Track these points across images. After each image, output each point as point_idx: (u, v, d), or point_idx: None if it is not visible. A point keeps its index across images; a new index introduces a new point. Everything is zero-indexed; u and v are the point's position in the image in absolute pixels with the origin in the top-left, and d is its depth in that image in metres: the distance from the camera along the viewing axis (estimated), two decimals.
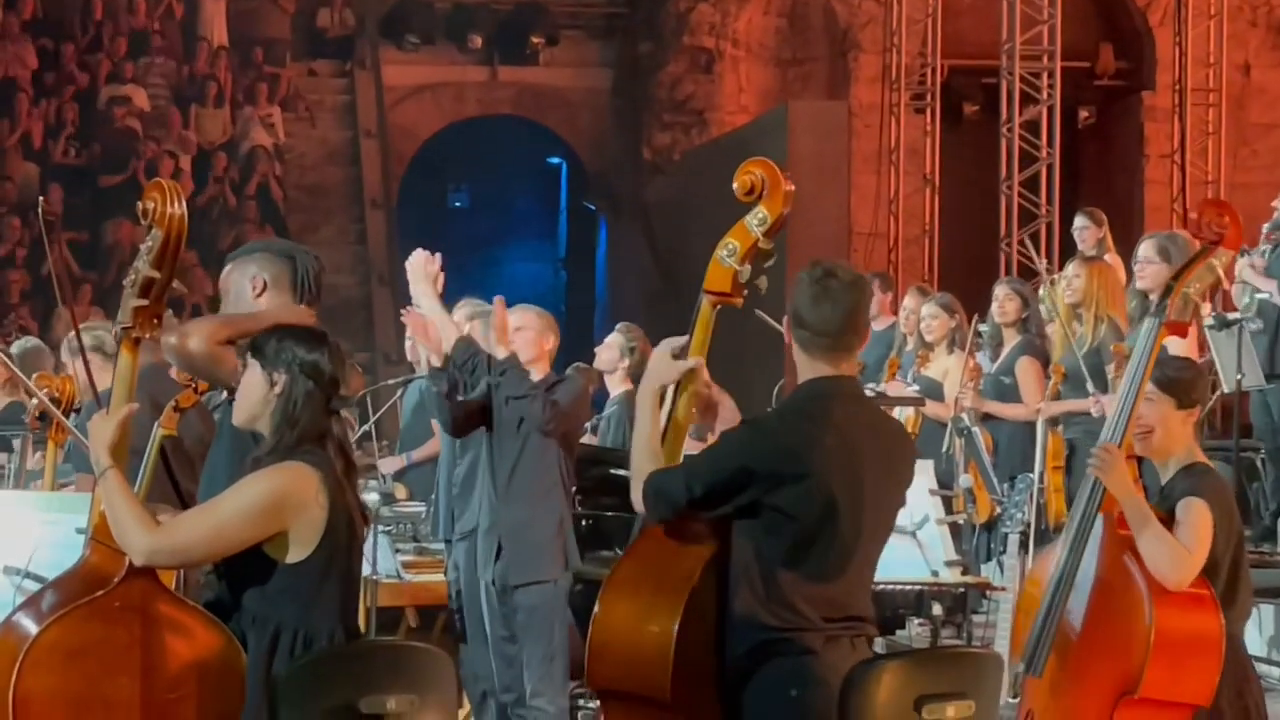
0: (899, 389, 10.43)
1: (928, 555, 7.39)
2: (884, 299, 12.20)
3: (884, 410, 5.95)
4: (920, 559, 7.36)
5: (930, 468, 8.27)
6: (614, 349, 10.02)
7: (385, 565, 8.53)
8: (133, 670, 4.68)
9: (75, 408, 7.57)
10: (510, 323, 7.95)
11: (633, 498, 4.98)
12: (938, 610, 8.72)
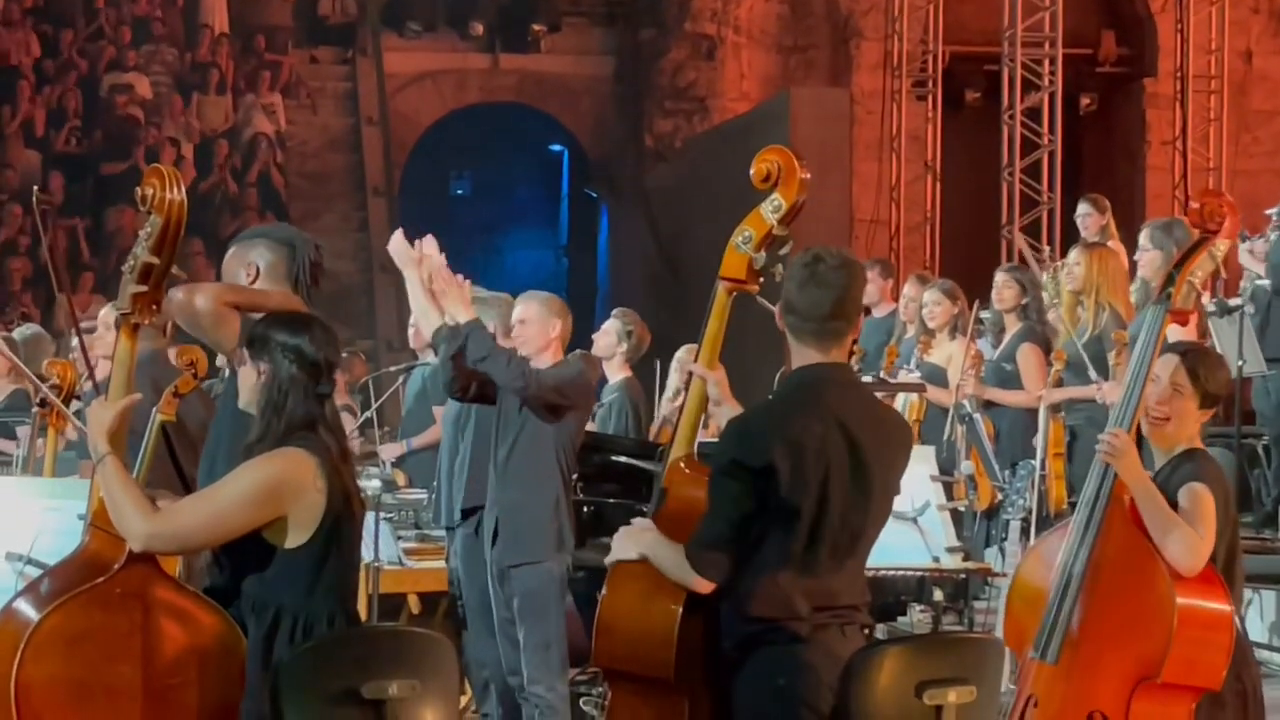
0: (906, 377, 10.42)
1: (929, 541, 7.37)
2: (885, 286, 12.18)
3: (878, 397, 5.94)
4: (922, 545, 7.34)
5: (932, 454, 8.26)
6: (611, 334, 9.99)
7: (387, 552, 8.53)
8: (134, 656, 4.68)
9: (77, 394, 7.57)
10: (514, 315, 7.95)
11: (691, 584, 4.87)
12: (939, 596, 8.72)
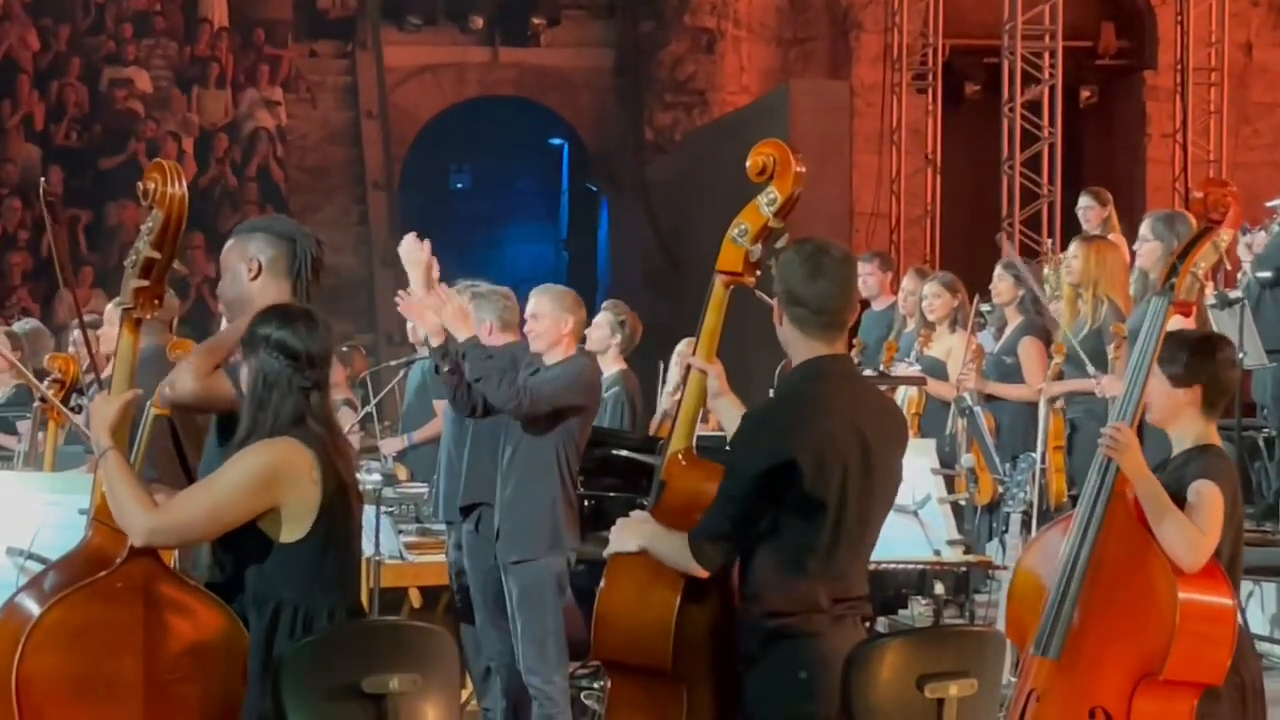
0: (906, 370, 10.42)
1: (930, 534, 7.37)
2: (884, 279, 12.13)
3: (878, 388, 5.95)
4: (923, 538, 7.34)
5: (933, 447, 8.25)
6: (603, 327, 9.97)
7: (388, 546, 8.54)
8: (135, 651, 4.68)
9: (79, 387, 7.58)
10: (527, 309, 8.00)
11: (689, 568, 4.91)
12: (940, 589, 8.71)
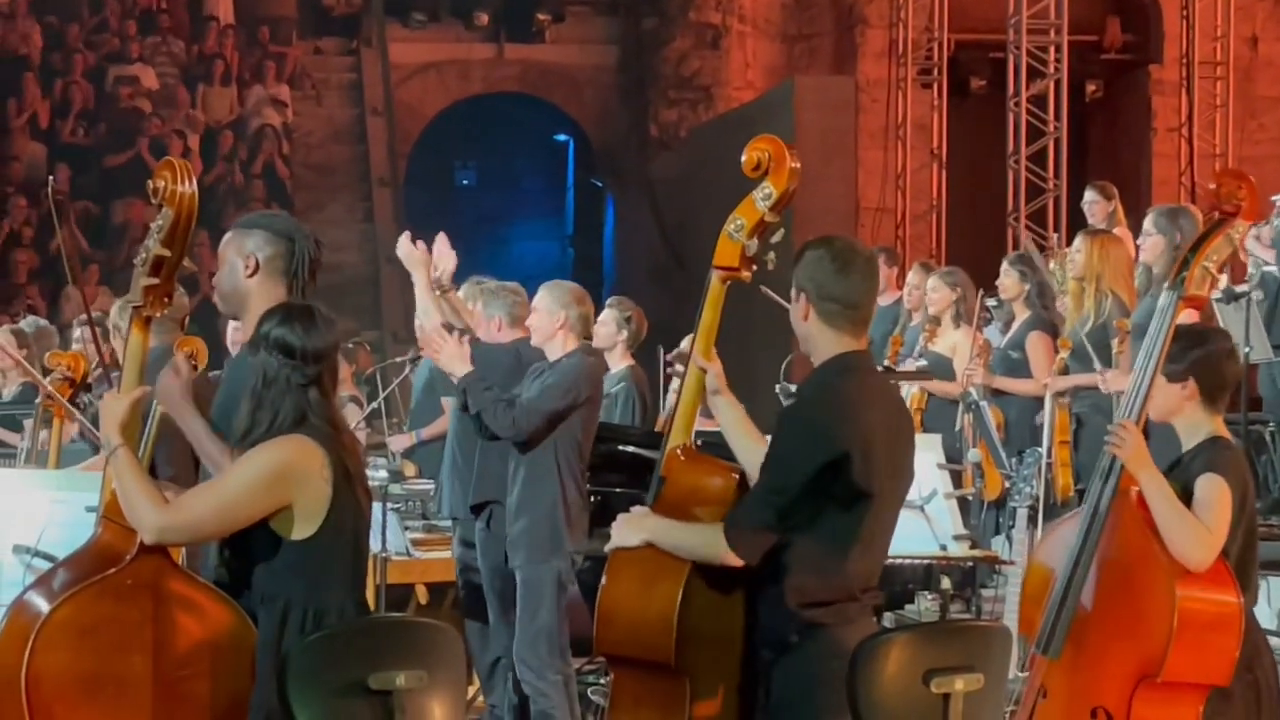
0: (911, 365, 10.42)
1: (936, 529, 7.36)
2: (890, 274, 12.15)
3: (891, 383, 6.00)
4: (929, 533, 7.33)
5: (939, 442, 8.25)
6: (609, 324, 10.00)
7: (395, 543, 8.55)
8: (145, 648, 4.68)
9: (86, 384, 7.60)
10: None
11: (720, 557, 4.92)
12: (946, 584, 8.71)
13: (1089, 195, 12.17)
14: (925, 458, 7.30)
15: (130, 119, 20.04)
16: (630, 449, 8.74)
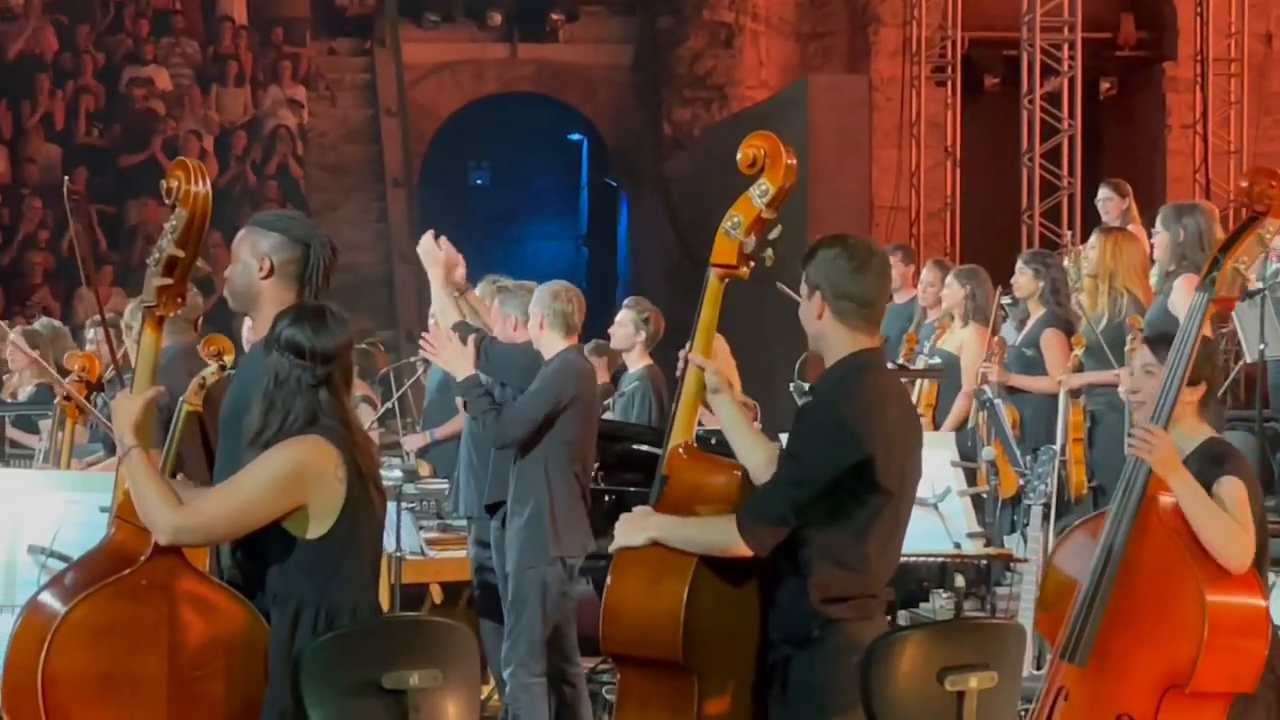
0: (923, 363, 10.41)
1: (950, 527, 7.37)
2: (907, 272, 12.11)
3: (899, 380, 6.03)
4: (943, 531, 7.34)
5: (953, 440, 8.26)
6: (627, 325, 10.03)
7: (409, 542, 8.56)
8: (160, 648, 4.68)
9: (100, 385, 7.61)
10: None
11: (731, 548, 4.93)
12: (960, 582, 8.73)
13: (1103, 193, 12.15)
14: (939, 455, 7.30)
15: (144, 120, 20.06)
16: (645, 448, 8.75)
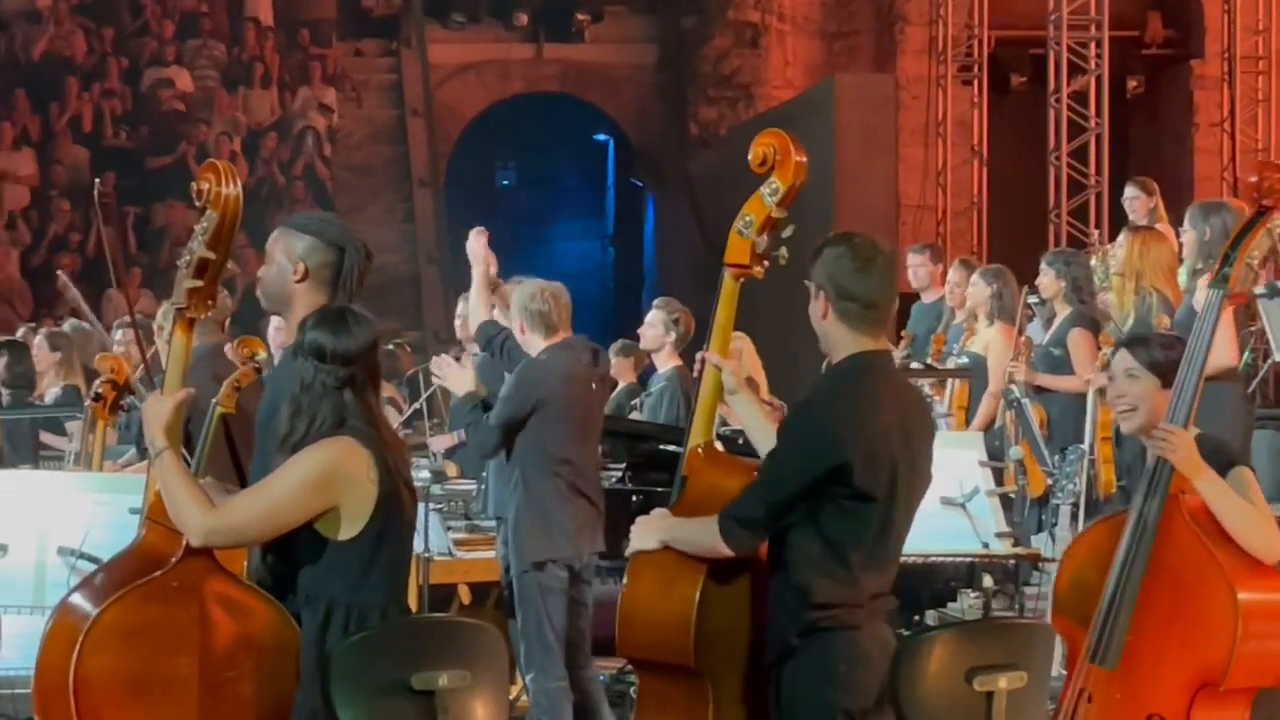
0: (954, 363, 10.40)
1: (978, 527, 7.36)
2: (935, 271, 12.04)
3: (910, 382, 6.00)
4: (971, 531, 7.34)
5: (981, 440, 8.25)
6: (657, 326, 10.04)
7: (437, 543, 8.58)
8: (191, 649, 4.70)
9: (128, 387, 7.63)
10: None
11: (715, 548, 4.95)
12: (989, 582, 8.72)
13: (1129, 191, 12.12)
14: (967, 455, 7.32)
15: (171, 122, 20.12)
16: (671, 448, 8.75)
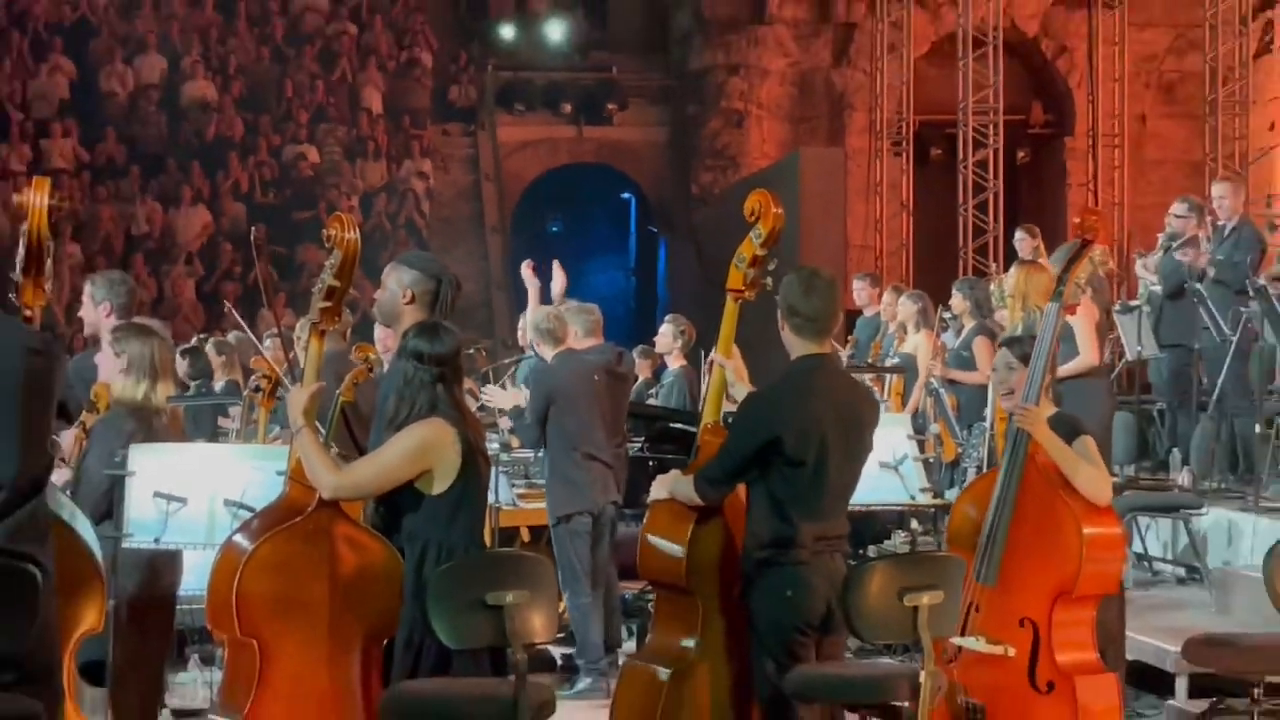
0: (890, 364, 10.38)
1: (907, 484, 7.33)
2: (874, 293, 12.13)
3: (855, 377, 6.08)
4: (901, 487, 7.31)
5: (908, 419, 8.24)
6: (668, 335, 10.24)
7: (504, 496, 8.59)
8: (322, 577, 4.71)
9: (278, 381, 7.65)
10: None
11: (693, 498, 5.04)
12: (916, 525, 8.70)
13: (1019, 235, 12.06)
14: (898, 430, 7.29)
15: (306, 185, 20.17)
16: (679, 426, 8.76)
